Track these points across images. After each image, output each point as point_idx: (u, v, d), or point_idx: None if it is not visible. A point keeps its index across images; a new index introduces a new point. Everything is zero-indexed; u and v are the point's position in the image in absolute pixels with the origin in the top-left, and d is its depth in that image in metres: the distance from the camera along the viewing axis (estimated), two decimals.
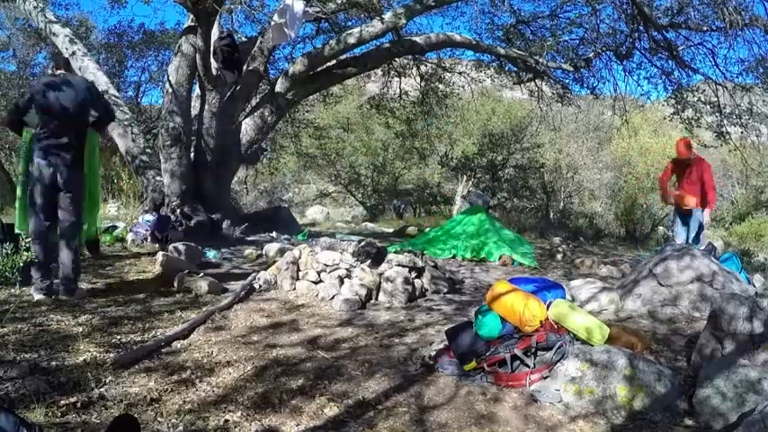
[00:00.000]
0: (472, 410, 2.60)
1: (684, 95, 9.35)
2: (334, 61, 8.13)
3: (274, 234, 7.96)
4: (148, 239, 6.60)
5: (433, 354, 3.19)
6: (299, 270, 4.82)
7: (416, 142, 14.97)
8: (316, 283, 4.67)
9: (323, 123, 15.07)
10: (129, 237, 6.44)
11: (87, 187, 4.36)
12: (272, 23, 6.73)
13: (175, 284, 4.57)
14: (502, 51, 9.02)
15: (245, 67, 7.48)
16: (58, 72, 4.20)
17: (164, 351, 3.11)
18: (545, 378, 2.82)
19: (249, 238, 7.42)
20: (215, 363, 2.99)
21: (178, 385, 2.66)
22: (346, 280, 4.58)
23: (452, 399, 2.71)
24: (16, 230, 4.28)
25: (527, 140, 15.46)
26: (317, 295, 4.53)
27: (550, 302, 3.16)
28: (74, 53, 8.00)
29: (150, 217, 6.94)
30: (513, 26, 9.35)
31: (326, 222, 14.50)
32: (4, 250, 4.27)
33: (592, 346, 2.92)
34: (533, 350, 2.92)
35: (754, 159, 11.04)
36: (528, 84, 10.29)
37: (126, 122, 7.78)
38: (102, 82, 7.95)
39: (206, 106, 7.24)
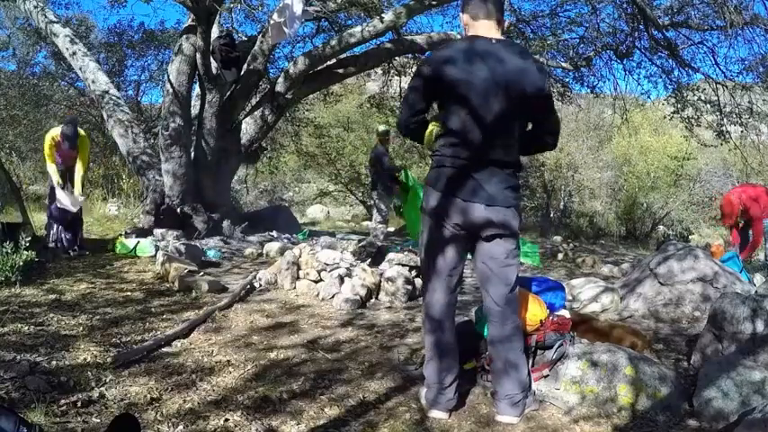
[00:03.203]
0: (473, 410, 2.60)
1: (684, 94, 9.35)
2: (334, 60, 8.13)
3: (275, 233, 7.95)
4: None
5: None
6: (299, 269, 4.82)
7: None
8: (316, 282, 4.67)
9: (323, 122, 15.05)
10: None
11: None
12: (272, 22, 6.73)
13: (175, 284, 4.57)
14: None
15: (245, 67, 7.48)
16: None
17: (164, 350, 3.11)
18: (545, 377, 2.82)
19: (249, 238, 7.42)
20: (215, 362, 2.99)
21: (178, 385, 2.65)
22: (347, 279, 4.57)
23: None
24: None
25: None
26: (317, 295, 4.52)
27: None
28: (74, 53, 8.00)
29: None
30: (513, 25, 9.33)
31: (327, 221, 14.50)
32: (4, 250, 4.28)
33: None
34: (533, 349, 2.92)
35: (755, 158, 11.04)
36: None
37: (127, 122, 7.77)
38: (102, 81, 7.95)
39: (206, 106, 7.23)
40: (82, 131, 5.91)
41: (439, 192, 2.38)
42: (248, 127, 7.84)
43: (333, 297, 4.38)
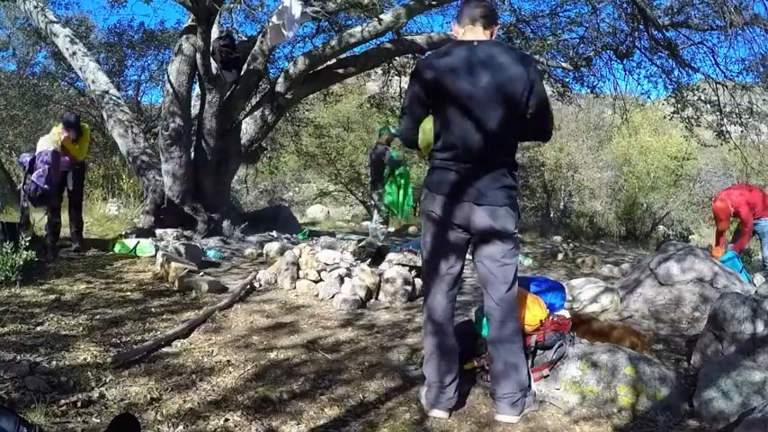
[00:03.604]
0: (473, 410, 2.60)
1: (684, 94, 9.35)
2: (334, 60, 8.13)
3: (275, 233, 7.95)
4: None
5: None
6: (299, 269, 4.82)
7: None
8: (316, 282, 4.66)
9: (323, 122, 15.04)
10: None
11: None
12: (270, 24, 6.73)
13: (175, 284, 4.57)
14: None
15: (245, 67, 7.47)
16: None
17: (164, 351, 3.11)
18: (545, 377, 2.82)
19: (249, 238, 7.42)
20: (215, 362, 2.99)
21: (178, 385, 2.66)
22: (346, 279, 4.57)
23: None
24: None
25: None
26: (316, 295, 4.52)
27: None
28: (74, 53, 7.99)
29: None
30: (513, 25, 9.33)
31: (327, 221, 14.49)
32: (4, 250, 4.28)
33: None
34: (533, 349, 2.92)
35: (755, 158, 11.04)
36: None
37: (126, 122, 7.77)
38: (102, 81, 7.95)
39: (206, 106, 7.23)
40: (86, 125, 5.97)
41: (438, 195, 2.44)
42: (248, 127, 7.83)
43: (332, 297, 4.38)
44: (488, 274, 2.47)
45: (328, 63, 8.09)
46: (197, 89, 7.79)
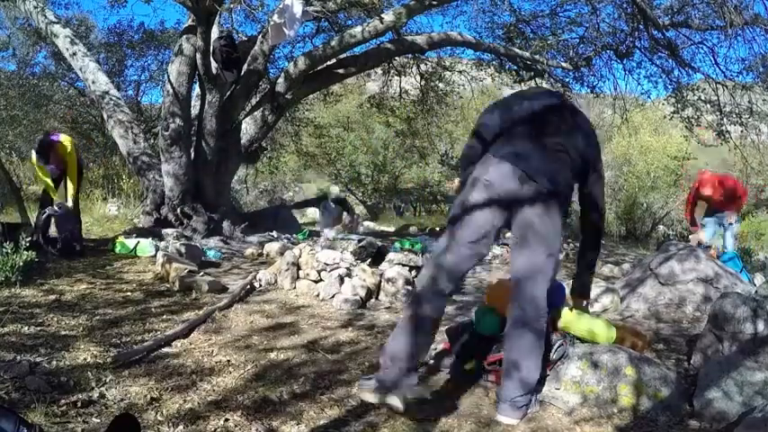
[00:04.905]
0: (473, 410, 2.59)
1: (684, 94, 9.36)
2: (334, 60, 8.13)
3: (275, 233, 7.95)
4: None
5: (434, 354, 3.18)
6: (299, 269, 4.81)
7: (417, 141, 14.97)
8: (316, 282, 4.66)
9: (323, 122, 15.05)
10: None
11: None
12: (271, 23, 6.73)
13: (175, 284, 4.57)
14: (502, 50, 9.02)
15: (245, 67, 7.47)
16: None
17: (164, 351, 3.10)
18: (546, 377, 2.81)
19: (249, 238, 7.42)
20: (215, 363, 2.99)
21: (178, 385, 2.65)
22: (347, 279, 4.56)
23: (454, 399, 2.70)
24: None
25: None
26: (317, 295, 4.52)
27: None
28: (74, 53, 8.00)
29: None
30: (513, 25, 9.34)
31: None
32: (4, 250, 4.28)
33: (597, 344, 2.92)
34: None
35: (754, 158, 11.05)
36: (528, 82, 10.28)
37: (127, 123, 7.77)
38: (102, 82, 7.95)
39: (206, 106, 7.23)
40: (65, 139, 5.63)
41: None
42: (248, 127, 7.84)
43: (333, 297, 4.38)
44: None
45: (328, 63, 8.10)
46: (197, 89, 7.79)
